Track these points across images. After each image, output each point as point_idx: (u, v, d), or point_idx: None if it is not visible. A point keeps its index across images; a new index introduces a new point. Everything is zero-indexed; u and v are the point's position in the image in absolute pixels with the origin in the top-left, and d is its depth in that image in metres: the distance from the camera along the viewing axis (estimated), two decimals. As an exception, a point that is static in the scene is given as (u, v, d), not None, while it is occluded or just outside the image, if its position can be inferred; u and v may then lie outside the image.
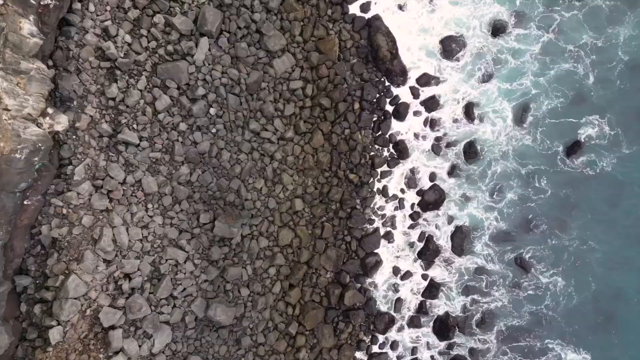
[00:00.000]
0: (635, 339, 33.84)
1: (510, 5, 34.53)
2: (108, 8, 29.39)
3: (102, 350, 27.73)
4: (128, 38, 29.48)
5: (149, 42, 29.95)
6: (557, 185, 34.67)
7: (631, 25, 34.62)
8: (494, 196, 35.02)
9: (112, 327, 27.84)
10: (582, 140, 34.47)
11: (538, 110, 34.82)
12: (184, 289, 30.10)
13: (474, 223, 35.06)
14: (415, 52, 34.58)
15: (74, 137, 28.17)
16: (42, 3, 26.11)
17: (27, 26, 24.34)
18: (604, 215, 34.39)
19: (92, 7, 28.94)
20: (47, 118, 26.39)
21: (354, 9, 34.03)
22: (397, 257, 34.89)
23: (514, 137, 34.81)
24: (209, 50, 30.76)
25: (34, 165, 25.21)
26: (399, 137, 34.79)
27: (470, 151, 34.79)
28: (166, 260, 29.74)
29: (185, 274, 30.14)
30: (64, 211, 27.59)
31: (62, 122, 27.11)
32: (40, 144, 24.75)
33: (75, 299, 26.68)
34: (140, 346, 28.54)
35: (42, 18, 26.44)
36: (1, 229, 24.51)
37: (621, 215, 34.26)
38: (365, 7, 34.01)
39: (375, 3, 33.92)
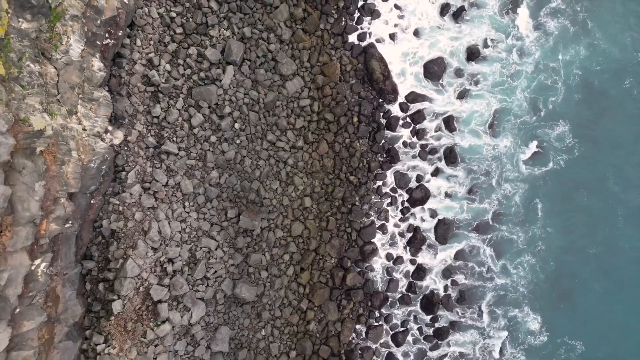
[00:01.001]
0: (581, 312, 40.51)
1: (487, 33, 41.20)
2: (152, 42, 36.06)
3: (152, 319, 34.36)
4: (168, 67, 36.12)
5: (185, 70, 36.58)
6: (522, 183, 41.31)
7: (585, 47, 41.40)
8: (471, 193, 41.67)
9: (160, 301, 34.46)
10: (544, 146, 41.22)
11: (506, 120, 41.50)
12: (215, 272, 36.73)
13: (453, 216, 41.72)
14: (405, 74, 41.22)
15: (126, 148, 34.80)
16: (104, 43, 32.82)
17: (96, 63, 30.93)
18: (559, 207, 41.11)
19: (138, 42, 35.57)
20: (108, 134, 33.06)
21: (352, 38, 40.67)
22: (390, 245, 41.54)
23: (486, 143, 41.47)
24: (234, 75, 37.44)
25: (101, 171, 31.86)
26: (390, 145, 41.45)
27: (450, 156, 41.42)
28: (201, 248, 36.37)
29: (216, 259, 36.79)
30: (120, 208, 34.19)
31: (118, 136, 33.71)
32: (107, 155, 31.36)
33: (132, 278, 33.32)
34: (181, 317, 35.16)
35: (104, 54, 33.08)
36: (76, 222, 31.10)
37: (572, 208, 41.02)
38: (361, 37, 40.67)
39: (370, 34, 40.63)
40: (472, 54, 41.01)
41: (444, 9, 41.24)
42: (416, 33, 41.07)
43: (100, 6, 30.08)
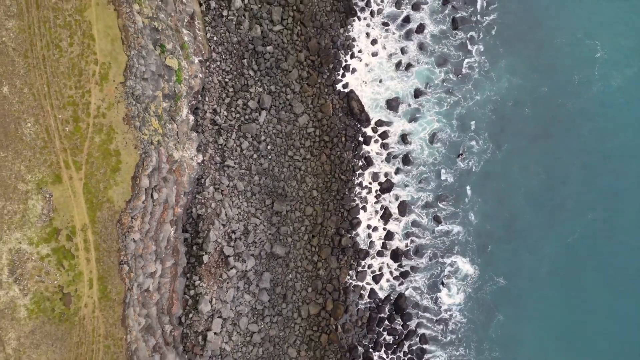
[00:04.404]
0: (503, 258, 62.96)
1: (425, 79, 63.66)
2: (214, 98, 58.62)
3: (224, 267, 56.94)
4: (225, 113, 58.70)
5: (235, 114, 59.08)
6: (455, 175, 63.64)
7: (501, 85, 63.85)
8: (421, 183, 63.97)
9: (229, 256, 57.01)
10: (470, 150, 63.77)
11: (443, 134, 63.85)
12: (260, 238, 59.26)
13: (410, 198, 64.06)
14: (374, 108, 63.60)
15: (203, 164, 57.40)
16: (191, 104, 55.33)
17: (191, 118, 53.44)
18: (483, 190, 63.49)
19: (207, 98, 58.22)
20: (195, 157, 55.63)
21: (339, 87, 63.02)
22: (369, 219, 63.85)
23: (430, 149, 63.80)
24: (266, 116, 60.00)
25: (194, 179, 54.39)
26: (366, 154, 63.86)
27: (407, 159, 63.77)
28: (250, 224, 58.91)
29: (260, 230, 59.31)
30: (202, 201, 56.67)
31: (200, 158, 56.32)
32: (198, 170, 53.94)
33: (212, 242, 55.86)
34: (241, 265, 57.76)
35: (191, 110, 55.65)
36: (182, 209, 53.66)
37: (491, 191, 63.48)
38: (345, 86, 63.05)
39: (348, 84, 63.08)
40: (420, 93, 63.44)
41: (398, 64, 63.70)
42: (380, 81, 63.56)
43: (192, 85, 52.71)
